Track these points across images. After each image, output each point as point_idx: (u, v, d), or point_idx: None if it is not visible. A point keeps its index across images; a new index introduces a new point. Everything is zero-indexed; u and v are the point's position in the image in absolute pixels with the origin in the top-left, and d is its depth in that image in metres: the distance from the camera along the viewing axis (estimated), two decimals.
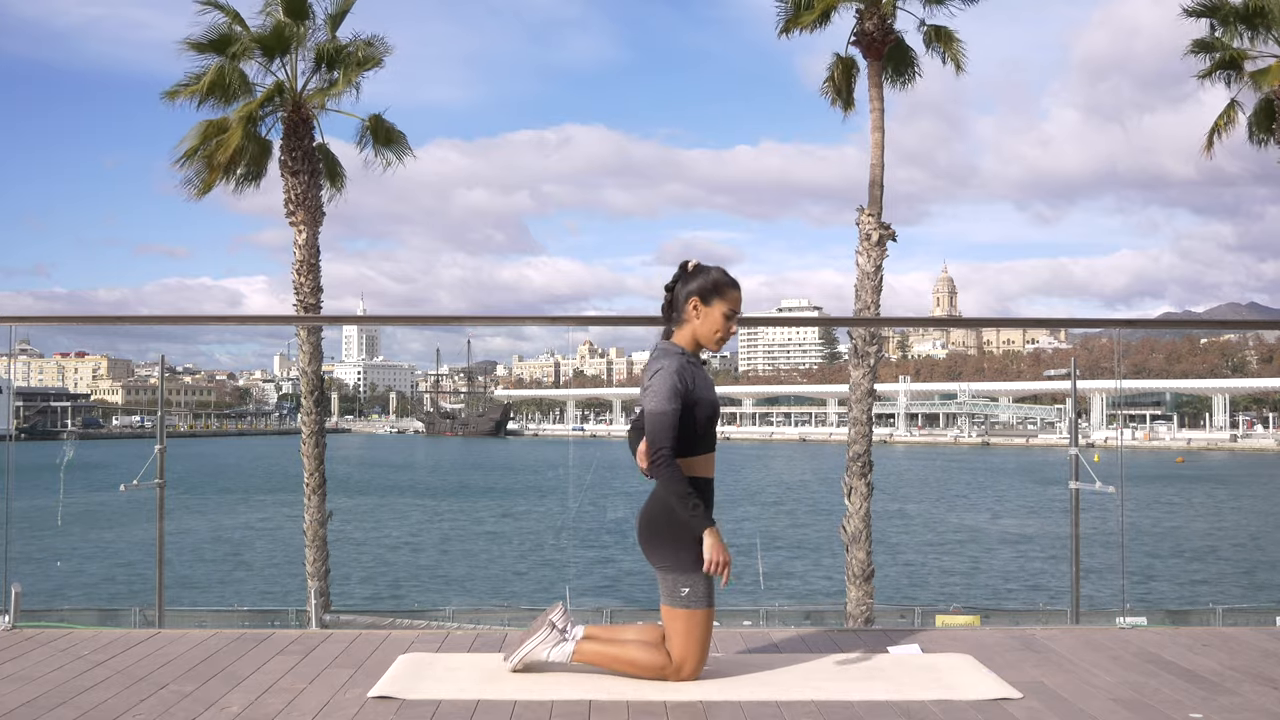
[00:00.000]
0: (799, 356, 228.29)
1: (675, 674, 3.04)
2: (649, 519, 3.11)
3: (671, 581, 3.05)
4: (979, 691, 2.95)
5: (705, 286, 3.16)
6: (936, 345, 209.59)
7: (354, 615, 15.04)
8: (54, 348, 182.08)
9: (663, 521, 3.07)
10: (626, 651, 3.09)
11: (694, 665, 3.04)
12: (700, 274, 3.19)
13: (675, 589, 3.05)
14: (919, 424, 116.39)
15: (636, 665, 3.06)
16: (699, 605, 3.04)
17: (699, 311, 3.16)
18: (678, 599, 3.04)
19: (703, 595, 3.04)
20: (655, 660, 3.05)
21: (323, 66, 15.34)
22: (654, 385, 3.03)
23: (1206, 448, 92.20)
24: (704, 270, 3.20)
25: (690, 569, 3.03)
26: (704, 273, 3.19)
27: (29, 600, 4.05)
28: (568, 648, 3.12)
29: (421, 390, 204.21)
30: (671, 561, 3.05)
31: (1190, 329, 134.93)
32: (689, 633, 3.04)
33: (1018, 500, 42.43)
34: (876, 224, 14.51)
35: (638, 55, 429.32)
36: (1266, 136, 15.99)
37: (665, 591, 3.07)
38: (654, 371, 3.06)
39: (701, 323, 3.16)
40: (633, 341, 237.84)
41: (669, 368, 3.05)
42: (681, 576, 3.04)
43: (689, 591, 3.04)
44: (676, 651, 3.04)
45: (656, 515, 3.10)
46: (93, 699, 2.90)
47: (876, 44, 14.76)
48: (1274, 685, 3.06)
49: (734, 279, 3.20)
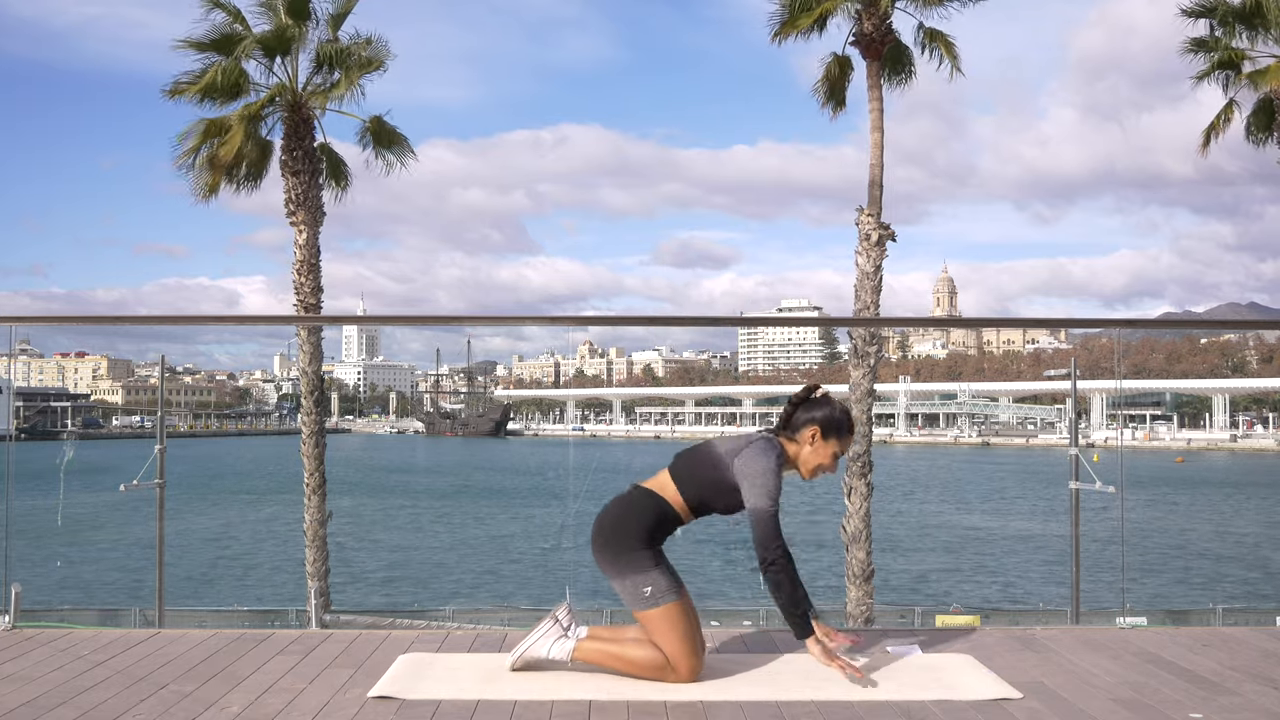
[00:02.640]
0: (799, 356, 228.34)
1: (674, 673, 3.04)
2: (598, 530, 3.12)
3: (631, 586, 3.05)
4: (979, 691, 2.95)
5: (829, 422, 3.17)
6: (936, 345, 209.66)
7: (354, 615, 15.04)
8: (54, 348, 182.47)
9: (609, 531, 3.09)
10: (626, 651, 3.08)
11: (688, 659, 3.03)
12: (827, 406, 3.19)
13: (637, 592, 3.04)
14: (919, 424, 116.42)
15: (637, 665, 3.05)
16: (666, 599, 3.02)
17: (814, 442, 3.17)
18: (643, 601, 3.04)
19: (666, 589, 3.03)
20: (655, 659, 3.04)
21: (324, 67, 15.35)
22: (761, 480, 3.02)
23: (1206, 448, 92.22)
24: (831, 404, 3.20)
25: (646, 568, 3.04)
26: (830, 406, 3.19)
27: (29, 600, 4.05)
28: (568, 645, 3.11)
29: (421, 390, 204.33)
30: (625, 565, 3.05)
31: (1190, 329, 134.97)
32: (670, 629, 3.03)
33: (1018, 500, 42.44)
34: (876, 224, 14.51)
35: (635, 55, 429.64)
36: (1265, 136, 15.99)
37: (630, 598, 3.07)
38: (760, 464, 3.05)
39: (811, 452, 3.18)
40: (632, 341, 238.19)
41: (775, 467, 3.06)
42: (639, 578, 3.04)
43: (651, 590, 3.03)
44: (666, 650, 3.04)
45: (604, 526, 3.11)
46: (93, 699, 2.89)
47: (875, 44, 14.76)
48: (1274, 685, 3.06)
49: (854, 423, 3.21)
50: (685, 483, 3.12)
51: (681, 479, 3.13)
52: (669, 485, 3.14)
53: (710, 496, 3.11)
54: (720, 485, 3.09)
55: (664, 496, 3.12)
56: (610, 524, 3.11)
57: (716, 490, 3.10)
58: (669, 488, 3.13)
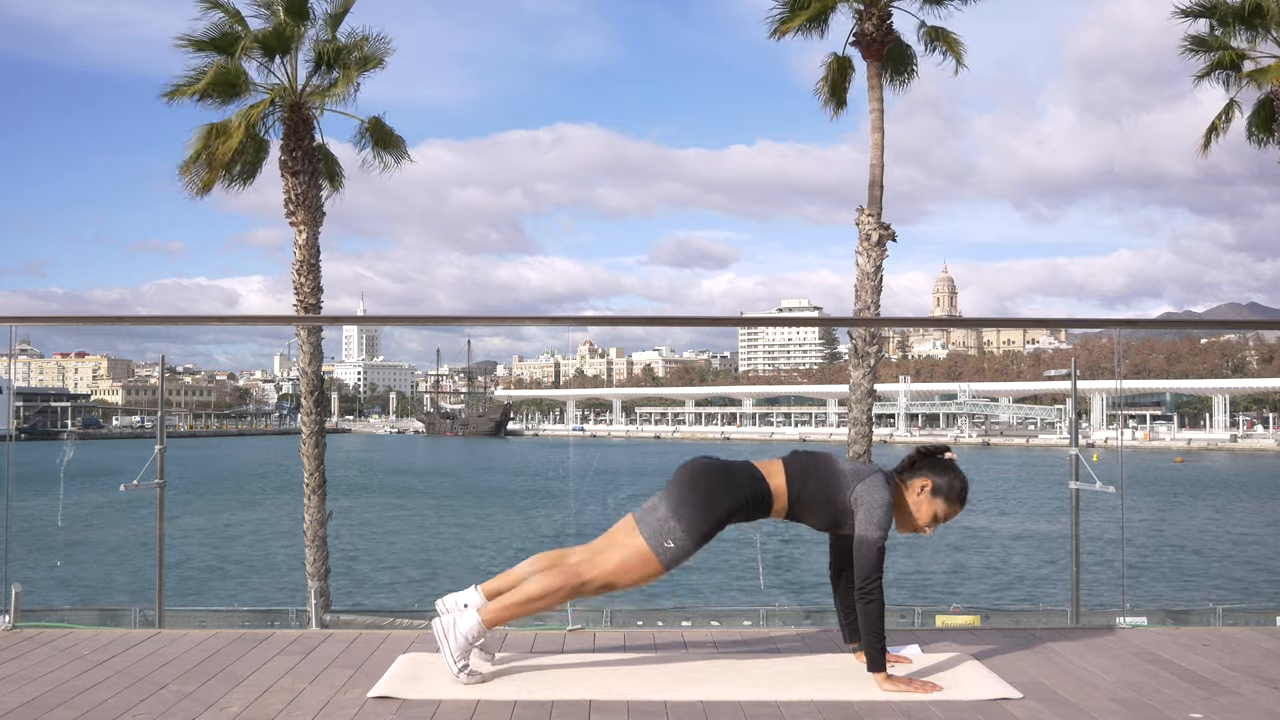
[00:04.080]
0: (799, 356, 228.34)
1: (577, 576, 3.01)
2: (706, 469, 3.08)
3: (667, 526, 3.00)
4: (979, 691, 2.95)
5: (944, 485, 3.17)
6: (936, 345, 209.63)
7: (354, 615, 15.04)
8: (54, 348, 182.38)
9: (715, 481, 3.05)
10: (529, 589, 3.03)
11: (601, 582, 3.01)
12: (950, 472, 3.19)
13: (663, 531, 3.00)
14: (919, 424, 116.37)
15: (548, 595, 3.01)
16: (662, 561, 3.00)
17: (923, 496, 3.17)
18: (656, 541, 2.99)
19: (672, 560, 3.01)
20: (558, 582, 3.01)
21: (323, 66, 15.34)
22: (878, 511, 3.03)
23: (1206, 448, 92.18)
24: (955, 470, 3.19)
25: (695, 533, 3.00)
26: (953, 473, 3.18)
27: (29, 600, 4.05)
28: (471, 616, 3.05)
29: (421, 390, 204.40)
30: (689, 508, 3.00)
31: (1190, 329, 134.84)
32: (628, 567, 3.01)
33: (1018, 500, 42.44)
34: (876, 224, 14.52)
35: (632, 54, 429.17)
36: (1267, 136, 16.01)
37: (652, 525, 3.02)
38: (880, 495, 3.05)
39: (914, 504, 3.17)
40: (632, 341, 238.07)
41: (890, 501, 3.07)
42: (680, 531, 2.99)
43: (671, 550, 2.99)
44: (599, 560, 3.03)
45: (714, 472, 3.08)
46: (93, 699, 2.90)
47: (876, 44, 14.78)
48: (1274, 685, 3.06)
49: (966, 499, 3.20)
50: (796, 482, 3.10)
51: (794, 477, 3.11)
52: (779, 475, 3.11)
53: (813, 504, 3.10)
54: (832, 501, 3.09)
55: (769, 482, 3.09)
56: (716, 472, 3.07)
57: (825, 503, 3.09)
58: (778, 477, 3.10)
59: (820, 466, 3.13)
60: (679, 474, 3.09)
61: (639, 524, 3.06)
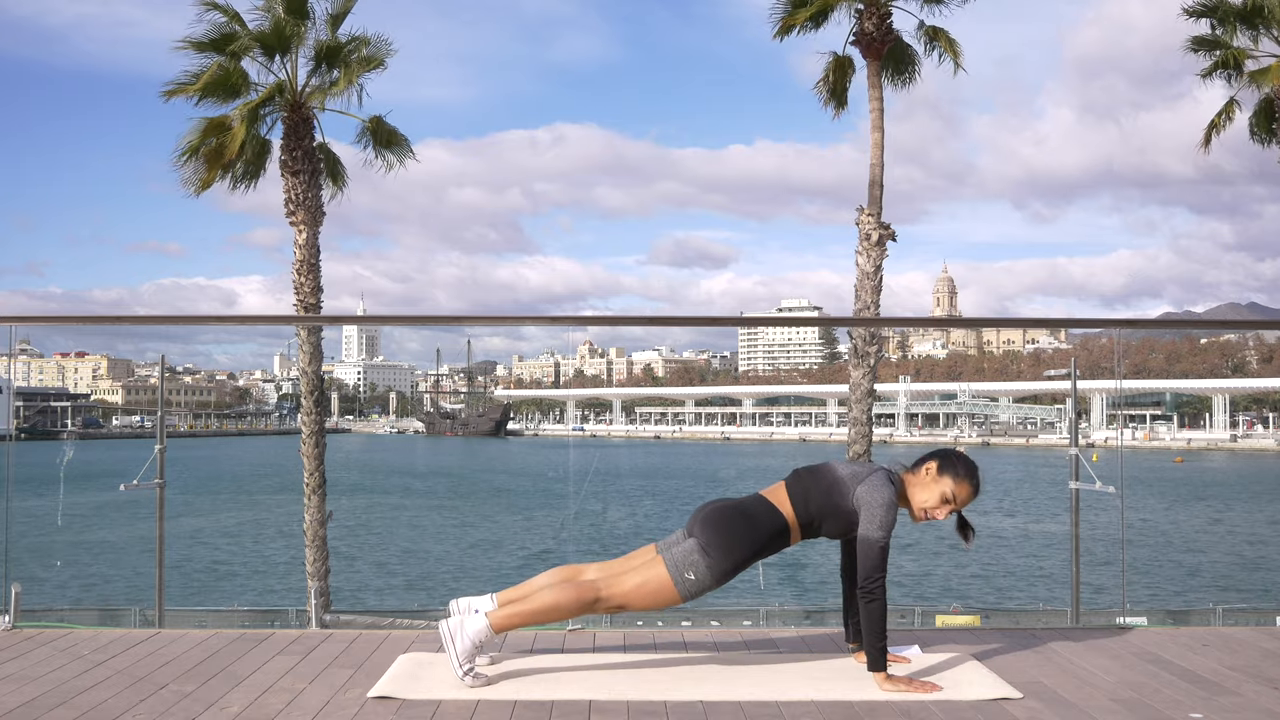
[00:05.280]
0: (799, 356, 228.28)
1: (593, 592, 3.02)
2: (731, 510, 3.10)
3: (691, 560, 3.02)
4: (979, 691, 2.95)
5: (948, 457, 3.17)
6: (936, 345, 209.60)
7: (354, 615, 15.04)
8: (54, 348, 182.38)
9: (739, 524, 3.06)
10: (542, 599, 3.05)
11: (616, 602, 3.02)
12: (956, 454, 3.19)
13: (686, 565, 3.02)
14: (919, 424, 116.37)
15: (560, 608, 3.03)
16: (680, 592, 3.01)
17: (929, 475, 3.16)
18: (678, 573, 3.01)
19: (690, 592, 3.02)
20: (572, 596, 3.02)
21: (323, 66, 15.34)
22: (879, 512, 3.03)
23: (1206, 448, 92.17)
24: (960, 453, 3.20)
25: (717, 570, 3.01)
26: (959, 455, 3.19)
27: (29, 600, 4.05)
28: (479, 620, 3.06)
29: (421, 390, 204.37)
30: (713, 555, 3.01)
31: (1190, 329, 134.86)
32: (645, 592, 3.02)
33: (1018, 500, 42.43)
34: (876, 224, 14.52)
35: (630, 54, 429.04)
36: (1268, 136, 16.02)
37: (675, 556, 3.04)
38: (880, 495, 3.05)
39: (922, 487, 3.16)
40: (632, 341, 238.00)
41: (891, 500, 3.07)
42: (702, 566, 3.01)
43: (693, 581, 3.01)
44: (617, 581, 3.04)
45: (736, 513, 3.09)
46: (93, 699, 2.90)
47: (876, 44, 14.78)
48: (1274, 685, 3.06)
49: (978, 483, 3.17)
50: (800, 502, 3.11)
51: (797, 498, 3.12)
52: (785, 501, 3.13)
53: (823, 519, 3.11)
54: (838, 510, 3.09)
55: (781, 512, 3.11)
56: (738, 514, 3.09)
57: (833, 514, 3.10)
58: (785, 504, 3.12)
59: (820, 479, 3.14)
60: (707, 514, 3.11)
61: (661, 553, 3.09)
